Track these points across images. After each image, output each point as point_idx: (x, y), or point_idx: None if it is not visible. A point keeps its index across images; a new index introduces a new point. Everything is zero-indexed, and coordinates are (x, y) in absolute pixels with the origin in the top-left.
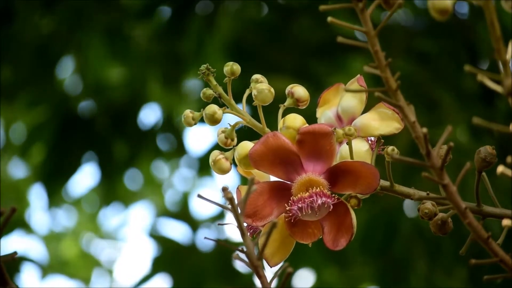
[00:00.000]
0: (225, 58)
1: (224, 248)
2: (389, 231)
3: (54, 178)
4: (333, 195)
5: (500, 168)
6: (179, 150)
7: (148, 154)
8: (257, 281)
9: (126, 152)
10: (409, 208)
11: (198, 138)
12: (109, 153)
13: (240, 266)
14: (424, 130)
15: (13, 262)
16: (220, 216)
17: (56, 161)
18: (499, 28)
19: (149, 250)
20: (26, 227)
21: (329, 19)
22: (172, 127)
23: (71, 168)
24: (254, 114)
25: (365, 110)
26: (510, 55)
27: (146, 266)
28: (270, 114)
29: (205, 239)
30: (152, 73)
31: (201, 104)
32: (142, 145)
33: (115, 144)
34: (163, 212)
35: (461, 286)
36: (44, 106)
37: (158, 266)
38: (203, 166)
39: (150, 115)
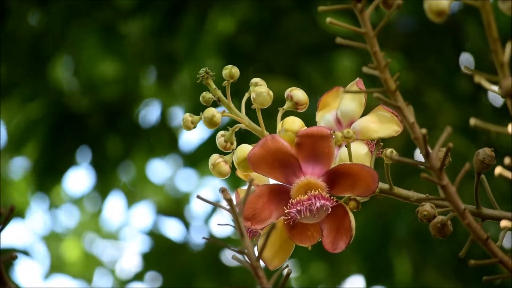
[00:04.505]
0: (217, 56)
1: (215, 244)
2: (382, 234)
3: (48, 174)
4: (332, 197)
5: (498, 170)
6: (173, 146)
7: (142, 151)
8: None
9: (120, 148)
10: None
11: (192, 135)
12: (103, 150)
13: (231, 261)
14: (423, 131)
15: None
16: (212, 213)
17: (50, 158)
18: (496, 29)
19: (141, 248)
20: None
21: (328, 20)
22: (165, 124)
23: (65, 164)
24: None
25: (365, 112)
26: (507, 56)
27: (138, 264)
28: (269, 117)
29: (202, 238)
30: (145, 70)
31: (193, 100)
32: (135, 142)
33: (109, 140)
34: (159, 210)
35: (447, 283)
36: (37, 103)
37: (148, 263)
38: (194, 163)
39: (143, 112)
